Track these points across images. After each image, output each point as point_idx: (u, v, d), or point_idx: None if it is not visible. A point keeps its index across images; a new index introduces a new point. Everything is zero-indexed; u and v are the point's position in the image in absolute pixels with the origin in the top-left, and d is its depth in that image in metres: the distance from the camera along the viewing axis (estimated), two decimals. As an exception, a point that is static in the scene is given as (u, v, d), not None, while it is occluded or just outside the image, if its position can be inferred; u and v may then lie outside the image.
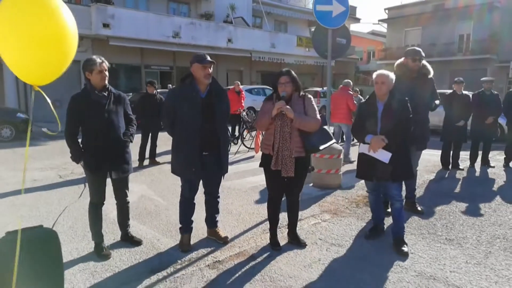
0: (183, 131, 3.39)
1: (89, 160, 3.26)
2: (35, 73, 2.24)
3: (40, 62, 2.16)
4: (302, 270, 3.13)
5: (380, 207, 3.87)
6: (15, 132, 10.75)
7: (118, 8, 16.43)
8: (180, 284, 2.91)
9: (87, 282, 2.96)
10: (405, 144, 3.54)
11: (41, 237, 2.46)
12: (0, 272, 2.34)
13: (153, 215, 4.50)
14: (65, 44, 2.22)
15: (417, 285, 2.88)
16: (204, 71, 3.34)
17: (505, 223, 4.19)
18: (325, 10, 5.52)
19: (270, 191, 3.58)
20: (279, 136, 3.31)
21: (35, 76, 2.25)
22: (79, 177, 6.38)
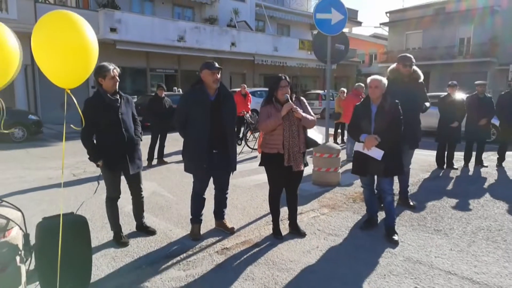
0: (194, 131, 3.74)
1: (107, 159, 3.60)
2: (66, 79, 2.60)
3: (70, 69, 2.52)
4: (301, 256, 3.48)
5: (374, 201, 4.22)
6: (26, 133, 11.14)
7: (124, 13, 16.87)
8: (193, 267, 3.27)
9: (110, 265, 3.32)
10: (396, 142, 3.88)
11: (74, 222, 2.82)
12: (41, 251, 2.70)
13: (165, 209, 4.86)
14: (90, 55, 2.58)
15: (404, 268, 3.22)
16: (213, 77, 3.70)
17: (490, 217, 4.53)
18: (324, 18, 5.88)
19: (273, 186, 3.92)
20: (288, 135, 3.65)
21: (66, 81, 2.61)
22: (91, 176, 6.75)
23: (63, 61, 2.48)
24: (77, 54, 2.49)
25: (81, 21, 2.50)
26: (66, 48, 2.43)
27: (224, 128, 3.80)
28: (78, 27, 2.47)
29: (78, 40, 2.47)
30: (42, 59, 2.47)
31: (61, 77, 2.59)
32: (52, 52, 2.42)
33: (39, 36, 2.39)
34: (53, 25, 2.41)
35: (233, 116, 3.97)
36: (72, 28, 2.45)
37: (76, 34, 2.47)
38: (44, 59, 2.47)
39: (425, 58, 26.35)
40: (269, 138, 3.76)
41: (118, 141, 3.56)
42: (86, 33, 2.51)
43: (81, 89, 13.99)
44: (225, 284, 2.99)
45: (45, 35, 2.41)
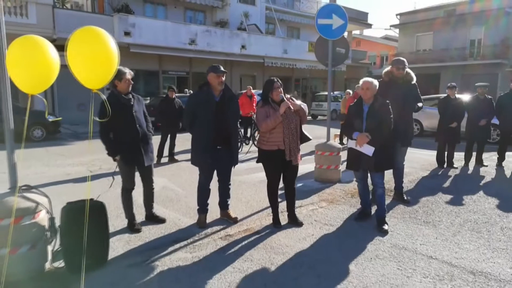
0: (201, 128, 4.11)
1: (124, 154, 3.98)
2: (93, 81, 3.00)
3: (97, 73, 2.92)
4: (297, 242, 3.81)
5: (367, 194, 4.52)
6: (45, 133, 11.71)
7: (138, 17, 17.45)
8: (198, 250, 3.63)
9: (124, 247, 3.70)
10: (386, 140, 4.17)
11: (94, 206, 3.21)
12: (66, 231, 3.10)
13: (174, 201, 5.25)
14: (113, 62, 2.97)
15: (389, 253, 3.53)
16: (218, 79, 4.07)
17: (479, 211, 4.78)
18: (326, 24, 6.21)
19: (271, 180, 4.24)
20: (288, 132, 3.99)
21: (93, 83, 3.01)
22: (106, 172, 7.18)
23: (93, 67, 2.89)
24: (104, 61, 2.90)
25: (106, 35, 2.89)
26: (95, 56, 2.84)
27: (227, 126, 4.16)
28: (104, 39, 2.87)
29: (104, 50, 2.86)
30: (75, 65, 2.86)
31: (90, 79, 2.98)
32: (84, 59, 2.83)
33: (74, 46, 2.79)
34: (85, 38, 2.82)
35: (236, 115, 4.33)
36: (99, 41, 2.86)
37: (103, 45, 2.87)
38: (77, 65, 2.86)
39: (436, 60, 26.38)
40: (269, 136, 4.05)
41: (133, 137, 3.95)
42: (110, 44, 2.90)
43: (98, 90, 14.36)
44: (226, 264, 3.34)
45: (79, 46, 2.82)
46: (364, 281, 3.02)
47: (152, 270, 3.23)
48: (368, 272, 3.17)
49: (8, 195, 3.05)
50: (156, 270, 3.24)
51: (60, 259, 3.29)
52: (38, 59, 3.02)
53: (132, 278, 3.09)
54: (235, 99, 4.35)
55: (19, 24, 13.99)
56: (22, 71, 3.03)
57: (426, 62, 26.91)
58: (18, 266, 2.98)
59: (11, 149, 3.18)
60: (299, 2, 27.92)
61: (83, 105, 17.22)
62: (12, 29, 13.75)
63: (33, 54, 3.02)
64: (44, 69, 3.08)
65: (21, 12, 14.20)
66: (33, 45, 3.05)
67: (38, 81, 3.11)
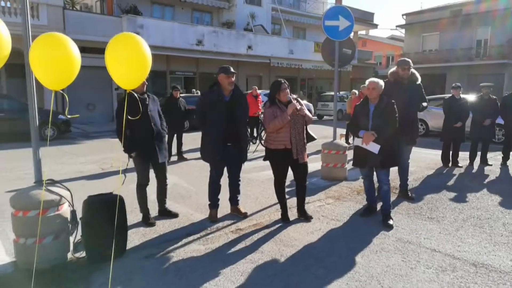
0: (212, 127, 4.28)
1: (140, 150, 4.17)
2: (128, 82, 3.15)
3: (132, 75, 3.08)
4: (305, 235, 3.97)
5: (372, 191, 4.67)
6: (56, 132, 11.97)
7: (146, 18, 17.69)
8: (210, 242, 3.81)
9: (140, 239, 3.89)
10: (391, 138, 4.32)
11: (114, 199, 3.39)
12: (87, 222, 3.29)
13: (186, 198, 5.43)
14: (147, 64, 3.12)
15: (394, 247, 3.68)
16: (228, 80, 4.24)
17: (482, 208, 4.91)
18: (333, 25, 6.36)
19: (278, 178, 4.40)
20: (295, 132, 4.15)
21: (129, 84, 3.16)
22: (117, 170, 7.39)
23: (128, 69, 3.04)
24: (138, 64, 3.05)
25: (142, 41, 3.04)
26: (129, 59, 2.99)
27: (237, 125, 4.33)
28: (140, 45, 3.02)
29: (139, 54, 3.02)
30: (113, 67, 3.02)
31: (124, 81, 3.14)
32: (121, 62, 2.98)
33: (112, 51, 2.95)
34: (121, 43, 2.98)
35: (245, 114, 4.50)
36: (136, 47, 3.01)
37: (138, 49, 3.02)
38: (115, 67, 3.02)
39: (442, 60, 26.36)
40: (276, 135, 4.20)
41: (148, 134, 4.13)
42: (144, 48, 3.04)
43: (106, 90, 14.99)
44: (238, 256, 3.51)
45: (112, 51, 2.97)
46: (370, 271, 3.17)
47: (168, 261, 3.40)
48: (373, 264, 3.32)
49: (34, 189, 3.24)
50: (172, 260, 3.41)
51: (80, 250, 3.48)
52: (63, 55, 3.12)
53: (149, 268, 3.27)
54: (244, 99, 4.52)
55: (31, 25, 14.25)
56: (47, 67, 3.14)
57: (432, 62, 26.92)
58: (43, 255, 3.17)
59: (36, 146, 3.37)
60: (305, 2, 28.05)
61: (92, 105, 17.53)
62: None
63: (58, 50, 3.12)
64: (68, 65, 3.18)
65: (33, 14, 14.47)
66: (58, 42, 3.16)
67: (63, 77, 3.20)
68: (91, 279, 3.08)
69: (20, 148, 10.15)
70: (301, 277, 3.09)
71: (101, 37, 16.36)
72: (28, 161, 8.28)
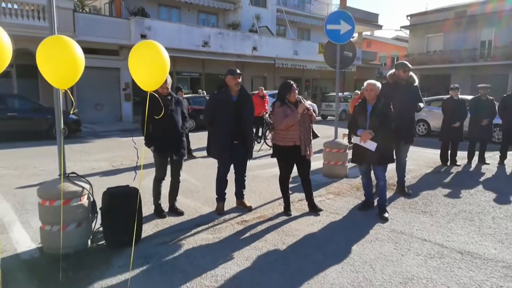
0: (220, 125, 4.60)
1: (159, 146, 4.49)
2: (149, 84, 3.44)
3: (153, 78, 3.38)
4: (306, 226, 4.28)
5: (370, 186, 4.96)
6: (67, 131, 12.36)
7: (153, 20, 18.08)
8: (218, 232, 4.12)
9: (153, 229, 4.21)
10: (388, 136, 4.60)
11: (132, 192, 3.72)
12: (107, 211, 3.62)
13: (194, 192, 5.75)
14: (166, 68, 3.41)
15: (388, 236, 3.97)
16: (235, 81, 4.55)
17: (475, 203, 5.18)
18: (334, 29, 6.65)
19: (283, 173, 4.71)
20: (304, 130, 4.46)
21: (149, 86, 3.45)
22: (128, 167, 7.74)
23: (151, 72, 3.34)
24: (158, 68, 3.35)
25: (162, 48, 3.34)
26: (151, 64, 3.29)
27: (243, 123, 4.64)
28: (161, 51, 3.32)
29: (159, 59, 3.32)
30: (136, 71, 3.31)
31: (145, 83, 3.44)
32: (144, 66, 3.28)
33: (135, 56, 3.24)
34: (145, 49, 3.28)
35: (251, 113, 4.81)
36: (157, 53, 3.31)
37: (158, 55, 3.32)
38: (138, 71, 3.31)
39: (446, 61, 26.50)
40: (286, 133, 4.50)
41: (168, 132, 4.44)
42: (163, 54, 3.34)
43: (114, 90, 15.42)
44: (243, 244, 3.82)
45: (139, 56, 3.27)
46: (364, 257, 3.47)
47: (180, 248, 3.72)
48: (368, 251, 3.61)
49: (59, 181, 3.58)
50: (183, 247, 3.73)
51: (99, 237, 3.81)
52: (68, 56, 3.36)
53: (163, 253, 3.59)
54: (250, 99, 4.83)
55: (42, 27, 14.68)
56: (53, 67, 3.35)
57: (436, 63, 27.06)
58: (66, 241, 3.50)
59: (60, 143, 3.69)
60: (309, 4, 28.31)
61: (100, 105, 17.94)
62: (36, 32, 14.50)
63: (63, 51, 3.34)
64: (73, 65, 3.42)
65: (44, 16, 14.90)
66: (63, 44, 3.38)
67: (68, 76, 3.44)
68: (111, 262, 3.40)
69: (33, 146, 10.57)
70: (301, 263, 3.40)
71: (110, 38, 16.81)
72: (41, 158, 8.72)
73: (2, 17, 14.01)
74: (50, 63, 3.30)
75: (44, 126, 12.12)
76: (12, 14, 14.33)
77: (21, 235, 4.08)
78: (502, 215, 4.68)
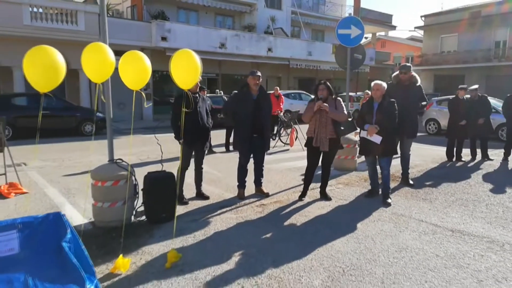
0: (241, 121, 5.22)
1: (187, 139, 5.13)
2: (186, 83, 4.09)
3: (188, 78, 4.03)
4: (317, 209, 4.87)
5: (376, 176, 5.51)
6: (95, 128, 13.22)
7: (173, 23, 18.86)
8: (240, 213, 4.75)
9: (184, 210, 4.86)
10: (392, 131, 5.14)
11: (168, 176, 4.38)
12: (148, 192, 4.28)
13: (216, 181, 6.40)
14: (199, 71, 4.05)
15: (389, 218, 4.53)
16: (254, 81, 5.18)
17: (472, 193, 5.68)
18: (345, 33, 7.21)
19: (309, 162, 5.30)
20: (318, 124, 5.04)
21: (186, 85, 4.10)
22: (154, 160, 8.44)
23: (186, 75, 3.99)
24: (193, 70, 4.00)
25: (192, 54, 3.98)
26: (187, 67, 3.94)
27: (262, 119, 5.25)
28: (192, 56, 3.97)
29: (193, 62, 3.97)
30: (177, 74, 3.96)
31: (183, 82, 4.08)
32: (184, 69, 3.93)
33: (176, 61, 3.89)
34: (184, 55, 3.93)
35: (269, 110, 5.43)
36: (193, 58, 3.96)
37: (192, 59, 3.97)
38: (177, 74, 3.96)
39: (460, 61, 26.62)
40: (309, 125, 5.18)
41: (195, 126, 5.08)
42: (195, 57, 3.99)
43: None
44: (262, 222, 4.43)
45: (180, 60, 3.92)
46: (366, 233, 4.05)
47: (208, 223, 4.36)
48: (370, 228, 4.19)
49: (109, 165, 4.26)
50: (211, 224, 4.37)
51: (140, 214, 4.48)
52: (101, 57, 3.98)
53: (194, 227, 4.23)
54: (268, 98, 5.45)
55: (70, 30, 15.64)
56: (93, 66, 3.98)
57: (450, 64, 27.19)
58: (115, 216, 4.18)
59: (111, 136, 4.38)
60: (323, 5, 28.77)
61: (123, 104, 18.80)
62: (64, 35, 15.45)
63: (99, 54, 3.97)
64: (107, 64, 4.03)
65: (72, 20, 15.83)
66: (99, 48, 4.01)
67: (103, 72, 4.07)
68: (152, 233, 4.06)
69: (64, 142, 11.42)
70: (312, 236, 3.99)
71: (132, 41, 17.62)
72: (74, 153, 9.55)
73: (34, 21, 14.96)
74: (90, 63, 3.94)
75: (73, 123, 12.99)
76: (37, 17, 15.23)
77: (73, 213, 4.79)
78: (495, 203, 5.18)
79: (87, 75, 3.97)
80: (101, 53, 3.89)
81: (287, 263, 3.34)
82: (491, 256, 3.50)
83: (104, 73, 4.04)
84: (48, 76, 3.58)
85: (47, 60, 3.55)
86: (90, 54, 3.91)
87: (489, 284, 3.00)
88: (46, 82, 3.61)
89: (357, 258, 3.45)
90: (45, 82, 3.60)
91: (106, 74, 4.07)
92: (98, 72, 4.01)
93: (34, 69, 3.50)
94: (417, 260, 3.41)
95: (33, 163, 8.02)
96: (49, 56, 3.57)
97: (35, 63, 3.50)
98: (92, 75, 3.98)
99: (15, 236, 2.17)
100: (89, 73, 3.96)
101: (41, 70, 3.52)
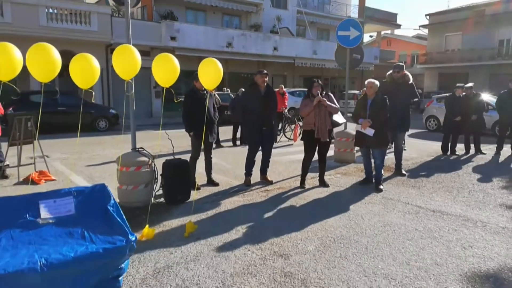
0: (251, 115, 5.81)
1: (197, 131, 5.73)
2: (211, 84, 4.69)
3: (214, 80, 4.63)
4: (315, 194, 5.45)
5: (370, 166, 6.07)
6: (108, 124, 13.90)
7: (182, 23, 19.49)
8: (247, 197, 5.34)
9: (197, 195, 5.46)
10: (383, 124, 5.69)
11: (184, 163, 4.99)
12: (166, 177, 4.89)
13: (225, 171, 7.01)
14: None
15: (379, 201, 5.09)
16: (261, 79, 5.77)
17: (459, 181, 6.21)
18: (344, 35, 7.76)
19: (306, 153, 5.86)
20: (318, 118, 5.60)
21: (210, 85, 4.69)
22: (166, 153, 9.04)
23: (211, 74, 4.60)
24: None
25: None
26: (214, 68, 4.55)
27: (270, 113, 5.84)
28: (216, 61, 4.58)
29: (173, 65, 4.57)
30: (203, 77, 4.57)
31: (207, 82, 4.69)
32: (208, 69, 4.55)
33: (203, 66, 4.51)
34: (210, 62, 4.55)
35: (275, 106, 6.02)
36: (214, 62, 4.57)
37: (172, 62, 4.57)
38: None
39: (464, 59, 26.94)
40: (306, 119, 5.71)
41: (203, 120, 5.68)
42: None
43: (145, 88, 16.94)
44: (267, 204, 5.03)
45: (207, 67, 4.53)
46: (357, 212, 4.62)
47: (219, 205, 4.96)
48: (361, 209, 4.76)
49: (132, 153, 4.88)
50: (221, 205, 4.97)
51: (159, 196, 5.09)
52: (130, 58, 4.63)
53: (207, 207, 4.84)
54: (274, 94, 6.07)
55: (83, 31, 16.34)
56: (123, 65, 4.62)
57: (454, 62, 27.52)
58: (137, 197, 4.80)
59: (134, 128, 4.99)
60: (329, 5, 29.22)
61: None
62: (77, 35, 16.16)
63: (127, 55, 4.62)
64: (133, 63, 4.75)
65: (85, 21, 16.52)
66: (127, 50, 4.66)
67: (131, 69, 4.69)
68: (171, 211, 4.68)
69: (81, 137, 12.08)
70: (309, 215, 4.57)
71: (143, 40, 18.27)
72: (91, 146, 10.24)
73: (50, 22, 15.67)
74: (121, 63, 4.55)
75: (88, 119, 13.67)
76: (52, 18, 15.91)
77: (99, 196, 5.41)
78: (478, 190, 5.71)
79: (118, 73, 4.58)
80: (130, 54, 4.52)
81: (286, 234, 3.93)
82: (463, 230, 4.05)
83: (131, 71, 4.66)
84: (47, 68, 3.97)
85: (45, 55, 4.00)
86: (119, 54, 4.54)
87: (456, 250, 3.56)
88: (46, 74, 4.02)
89: (347, 231, 4.02)
90: (45, 73, 4.02)
91: (133, 71, 4.69)
92: (127, 70, 4.63)
93: (35, 61, 3.88)
94: (398, 233, 3.98)
95: (55, 155, 8.69)
96: (46, 51, 4.12)
97: (35, 57, 3.89)
98: (122, 73, 4.60)
99: (72, 201, 2.77)
100: (120, 72, 4.57)
101: (41, 63, 3.90)
